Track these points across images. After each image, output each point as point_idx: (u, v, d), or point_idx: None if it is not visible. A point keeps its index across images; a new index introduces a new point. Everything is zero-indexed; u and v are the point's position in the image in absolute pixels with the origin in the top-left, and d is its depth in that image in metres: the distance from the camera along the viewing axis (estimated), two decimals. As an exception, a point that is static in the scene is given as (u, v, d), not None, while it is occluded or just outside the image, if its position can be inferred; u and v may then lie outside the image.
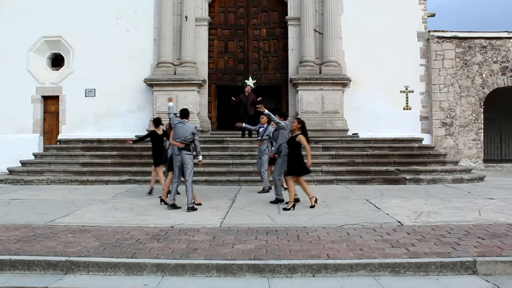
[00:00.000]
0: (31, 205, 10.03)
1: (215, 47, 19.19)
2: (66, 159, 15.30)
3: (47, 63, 19.25)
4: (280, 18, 19.01)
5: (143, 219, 8.35)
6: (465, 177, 13.73)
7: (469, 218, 8.21)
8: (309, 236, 6.85)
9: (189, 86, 17.77)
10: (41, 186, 13.30)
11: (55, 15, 18.44)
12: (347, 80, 17.73)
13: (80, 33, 18.42)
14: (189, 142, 9.27)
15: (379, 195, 11.27)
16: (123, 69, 18.19)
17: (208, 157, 14.76)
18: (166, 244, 6.43)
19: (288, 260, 5.68)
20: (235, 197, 11.09)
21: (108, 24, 18.43)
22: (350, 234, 7.00)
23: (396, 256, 5.80)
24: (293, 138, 9.37)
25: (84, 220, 8.28)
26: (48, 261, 5.78)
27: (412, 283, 5.31)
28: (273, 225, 7.76)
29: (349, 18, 18.15)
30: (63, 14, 18.43)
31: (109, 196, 11.31)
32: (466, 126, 17.95)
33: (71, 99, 18.55)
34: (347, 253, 5.93)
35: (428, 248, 6.15)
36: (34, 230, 7.40)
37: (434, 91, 18.07)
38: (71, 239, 6.73)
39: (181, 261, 5.70)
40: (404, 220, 8.08)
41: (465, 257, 5.75)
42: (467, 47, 18.09)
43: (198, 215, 8.71)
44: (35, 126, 18.74)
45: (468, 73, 18.05)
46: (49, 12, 18.48)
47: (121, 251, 6.10)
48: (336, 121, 17.28)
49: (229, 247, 6.26)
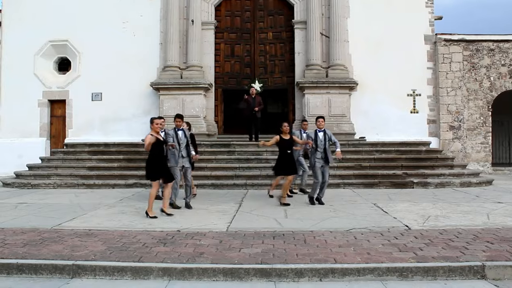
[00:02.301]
0: (38, 209, 10.07)
1: (221, 51, 19.25)
2: (73, 163, 15.37)
3: (54, 67, 19.39)
4: (287, 21, 19.06)
5: (150, 223, 8.36)
6: (473, 181, 13.68)
7: (477, 222, 8.16)
8: (316, 240, 6.84)
9: (196, 90, 17.83)
10: (48, 190, 13.36)
11: (62, 19, 18.61)
12: (354, 83, 17.72)
13: (86, 37, 18.56)
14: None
15: (387, 199, 11.23)
16: (129, 73, 18.30)
17: (215, 161, 14.78)
18: (172, 248, 6.43)
19: (295, 264, 5.66)
20: (242, 201, 11.08)
21: (114, 28, 18.56)
22: (358, 238, 6.98)
23: (403, 261, 5.77)
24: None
25: (91, 224, 8.29)
26: (55, 265, 5.79)
27: (420, 288, 5.29)
28: (280, 229, 7.74)
29: (356, 22, 18.17)
30: (69, 18, 18.60)
31: (115, 200, 11.34)
32: (474, 130, 17.88)
33: (77, 103, 18.68)
34: (354, 257, 5.90)
35: (436, 252, 6.12)
36: (41, 234, 7.42)
37: (442, 94, 18.02)
38: (78, 243, 6.74)
39: (187, 265, 5.69)
40: (411, 224, 8.04)
41: (473, 261, 5.70)
42: (474, 50, 18.05)
43: (205, 219, 8.70)
44: (41, 130, 18.86)
45: (476, 76, 18.00)
46: (56, 17, 18.65)
47: (127, 255, 6.11)
48: (343, 125, 17.26)
49: (236, 251, 6.25)
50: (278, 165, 10.16)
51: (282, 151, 10.06)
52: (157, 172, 8.99)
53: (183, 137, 9.99)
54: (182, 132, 10.03)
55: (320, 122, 10.23)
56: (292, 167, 10.15)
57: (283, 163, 10.04)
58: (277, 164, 10.21)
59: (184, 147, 9.97)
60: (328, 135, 10.17)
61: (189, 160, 10.05)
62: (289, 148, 10.06)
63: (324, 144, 10.05)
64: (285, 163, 10.01)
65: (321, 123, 10.22)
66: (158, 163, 8.99)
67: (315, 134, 10.15)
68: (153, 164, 8.95)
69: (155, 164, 8.96)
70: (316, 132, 10.17)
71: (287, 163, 10.02)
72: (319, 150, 10.04)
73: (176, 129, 10.02)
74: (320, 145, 10.03)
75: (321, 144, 10.03)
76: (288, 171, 10.09)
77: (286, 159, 10.03)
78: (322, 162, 10.09)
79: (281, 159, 10.12)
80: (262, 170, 14.29)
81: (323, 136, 10.09)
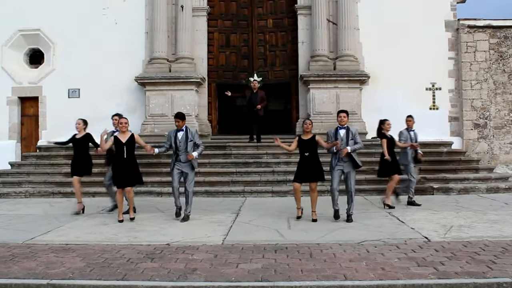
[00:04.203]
0: (7, 221, 10.08)
1: (215, 41, 19.26)
2: (47, 168, 15.37)
3: (25, 60, 19.36)
4: (289, 7, 19.05)
5: (135, 235, 8.38)
6: (502, 186, 13.70)
7: (506, 233, 8.18)
8: (324, 254, 6.86)
9: (186, 85, 17.82)
10: (19, 200, 13.37)
11: (33, 6, 18.57)
12: (365, 76, 17.74)
13: (61, 26, 18.49)
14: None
15: (403, 207, 11.26)
16: (111, 66, 18.25)
17: (209, 165, 14.79)
18: (161, 264, 6.45)
19: (300, 282, 5.68)
20: (239, 210, 11.11)
21: (93, 15, 18.51)
22: (370, 251, 7.00)
23: (422, 277, 5.79)
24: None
25: (68, 237, 8.31)
26: (27, 284, 5.80)
27: (441, 307, 5.31)
28: (282, 241, 7.77)
29: (368, 6, 18.13)
30: (42, 4, 18.57)
31: (96, 210, 11.35)
32: (502, 128, 17.90)
33: (52, 101, 18.63)
34: (367, 273, 5.93)
35: (460, 267, 6.14)
36: (11, 249, 7.43)
37: (465, 88, 18.03)
38: (54, 259, 6.76)
39: (178, 283, 5.71)
40: (431, 235, 8.06)
41: (502, 277, 5.72)
42: (502, 37, 18.06)
43: (198, 231, 8.72)
44: (11, 131, 18.83)
45: (504, 67, 18.01)
46: (26, 3, 18.60)
47: (110, 272, 6.12)
48: (353, 123, 17.09)
49: (232, 267, 6.27)
50: (296, 170, 9.85)
51: (301, 154, 9.77)
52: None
53: (183, 140, 9.85)
54: (182, 134, 9.90)
55: (342, 117, 9.65)
56: (311, 172, 9.61)
57: (300, 168, 9.72)
58: (297, 168, 9.89)
59: (183, 150, 9.83)
60: (353, 133, 9.64)
61: (190, 165, 9.92)
62: (308, 150, 9.62)
63: (347, 143, 9.54)
64: (303, 168, 9.68)
65: (343, 119, 9.65)
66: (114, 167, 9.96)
67: (335, 132, 9.71)
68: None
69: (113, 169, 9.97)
70: (337, 129, 9.72)
71: (305, 168, 9.65)
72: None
73: (177, 130, 9.99)
74: (342, 146, 9.47)
75: (343, 143, 9.52)
76: (305, 178, 9.66)
77: (303, 163, 9.69)
78: (344, 166, 9.61)
79: (299, 163, 9.81)
80: (262, 175, 14.31)
81: (345, 134, 9.60)
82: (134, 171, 9.93)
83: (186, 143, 9.84)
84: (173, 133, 10.00)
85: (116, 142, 9.89)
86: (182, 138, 9.85)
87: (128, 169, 9.82)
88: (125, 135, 9.91)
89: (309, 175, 9.64)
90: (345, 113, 9.77)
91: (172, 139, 9.93)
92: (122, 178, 9.80)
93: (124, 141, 9.84)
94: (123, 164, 9.81)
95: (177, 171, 9.91)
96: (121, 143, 9.82)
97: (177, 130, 9.97)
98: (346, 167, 9.65)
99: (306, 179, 9.67)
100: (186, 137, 9.86)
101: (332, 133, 9.75)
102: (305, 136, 9.75)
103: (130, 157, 9.88)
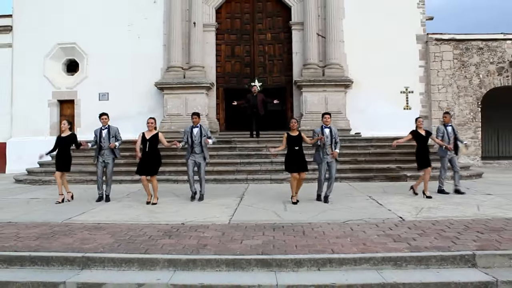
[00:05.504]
0: (48, 204, 10.09)
1: (222, 52, 19.23)
2: (81, 160, 15.35)
3: (63, 69, 19.38)
4: (285, 23, 19.02)
5: (155, 216, 8.37)
6: (464, 174, 13.64)
7: (468, 213, 8.17)
8: (315, 232, 6.85)
9: (198, 89, 17.82)
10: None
11: (70, 23, 18.61)
12: (349, 81, 17.71)
13: (93, 40, 18.55)
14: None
15: (381, 192, 11.24)
16: (134, 74, 18.30)
17: (217, 156, 14.77)
18: (177, 240, 6.44)
19: (295, 255, 5.67)
20: (243, 195, 11.09)
21: (120, 30, 18.53)
22: (354, 229, 6.99)
23: (398, 250, 5.78)
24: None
25: (99, 218, 8.31)
26: (66, 257, 5.81)
27: (413, 276, 5.29)
28: (279, 221, 7.75)
29: (351, 22, 18.13)
30: (76, 22, 18.62)
31: (122, 195, 11.37)
32: (464, 125, 17.86)
33: (85, 103, 18.68)
34: (351, 248, 5.91)
35: (429, 242, 6.13)
36: (52, 227, 7.43)
37: (433, 91, 18.01)
38: (87, 236, 6.75)
39: (192, 257, 5.70)
40: (405, 215, 8.05)
41: (464, 250, 5.71)
42: (464, 49, 18.02)
43: (208, 212, 8.71)
44: (51, 129, 18.83)
45: (466, 74, 17.98)
46: (63, 20, 18.66)
47: (134, 247, 6.12)
48: (339, 121, 17.21)
49: (237, 243, 6.26)
50: (286, 161, 9.82)
51: (290, 148, 9.75)
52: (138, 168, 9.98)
53: (198, 135, 10.07)
54: (197, 130, 10.12)
55: (327, 118, 9.88)
56: (299, 163, 9.67)
57: (290, 160, 9.70)
58: (285, 161, 9.85)
59: (198, 143, 10.05)
60: (334, 132, 9.85)
61: (203, 156, 10.15)
62: (297, 144, 9.67)
63: (330, 140, 9.75)
64: (292, 160, 9.66)
65: (327, 120, 9.87)
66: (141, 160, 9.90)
67: (321, 130, 9.82)
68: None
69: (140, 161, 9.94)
70: (322, 128, 9.85)
71: (295, 160, 9.64)
72: (326, 146, 9.76)
73: (193, 126, 10.17)
74: (326, 142, 9.73)
75: (327, 140, 9.74)
76: (295, 168, 9.65)
77: (293, 156, 9.67)
78: (328, 158, 9.77)
79: (288, 156, 9.78)
80: (262, 165, 14.30)
81: (329, 133, 9.79)
82: (152, 164, 9.89)
83: (200, 137, 10.06)
84: (189, 129, 10.14)
85: (142, 138, 9.96)
86: (197, 134, 10.08)
87: (148, 161, 9.82)
88: (151, 133, 9.98)
89: (300, 166, 9.70)
90: (329, 115, 10.10)
91: (188, 134, 10.14)
92: (141, 167, 9.87)
93: (148, 137, 9.92)
94: (145, 157, 9.85)
95: (191, 161, 10.14)
96: (146, 140, 9.90)
97: (193, 126, 10.16)
98: (329, 159, 9.82)
99: (298, 169, 9.69)
100: (201, 133, 10.11)
101: (319, 131, 9.84)
102: (293, 133, 9.84)
103: (151, 152, 9.87)
